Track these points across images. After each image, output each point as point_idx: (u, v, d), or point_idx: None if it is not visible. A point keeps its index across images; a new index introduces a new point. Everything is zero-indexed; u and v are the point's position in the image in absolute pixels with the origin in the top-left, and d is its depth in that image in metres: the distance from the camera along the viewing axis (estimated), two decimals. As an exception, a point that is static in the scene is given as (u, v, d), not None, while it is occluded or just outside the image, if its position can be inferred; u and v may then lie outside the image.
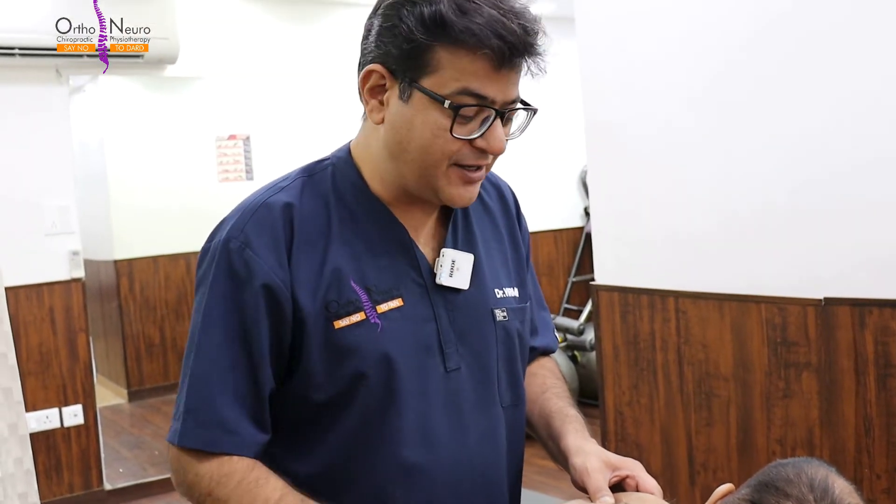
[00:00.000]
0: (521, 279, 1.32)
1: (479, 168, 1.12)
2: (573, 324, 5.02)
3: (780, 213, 2.50)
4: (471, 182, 1.13)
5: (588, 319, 5.29)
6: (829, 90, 2.36)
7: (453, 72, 1.05)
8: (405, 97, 1.08)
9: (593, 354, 4.92)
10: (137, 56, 3.98)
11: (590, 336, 4.93)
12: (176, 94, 5.90)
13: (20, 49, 3.70)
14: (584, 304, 5.62)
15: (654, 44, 2.84)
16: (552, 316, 5.53)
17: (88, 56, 3.78)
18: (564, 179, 6.00)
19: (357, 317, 1.11)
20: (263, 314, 1.09)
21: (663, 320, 2.85)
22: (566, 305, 5.91)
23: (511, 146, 1.14)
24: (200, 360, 1.10)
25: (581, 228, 6.06)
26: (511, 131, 1.14)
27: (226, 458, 1.09)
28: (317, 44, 4.88)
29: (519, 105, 1.11)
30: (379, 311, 1.12)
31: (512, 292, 1.27)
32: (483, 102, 1.06)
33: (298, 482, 1.10)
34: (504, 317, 1.24)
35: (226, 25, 4.67)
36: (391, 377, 1.12)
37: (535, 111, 1.13)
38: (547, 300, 5.70)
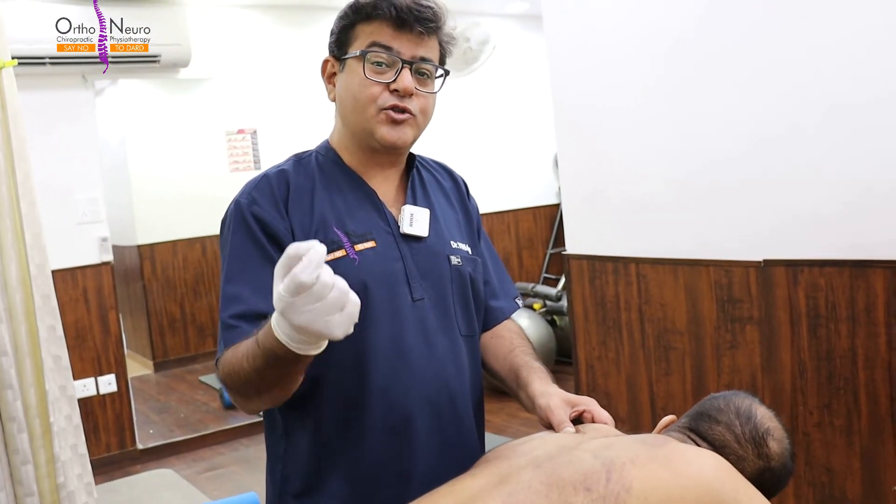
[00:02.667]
0: (473, 242, 1.44)
1: (402, 111, 1.27)
2: (551, 291, 5.02)
3: (725, 185, 2.56)
4: (396, 122, 1.27)
5: (565, 287, 5.25)
6: (763, 75, 2.42)
7: (365, 36, 1.27)
8: (342, 69, 1.31)
9: (570, 318, 4.95)
10: (154, 61, 4.03)
11: (567, 302, 4.93)
12: (189, 94, 5.91)
13: (50, 58, 3.72)
14: (561, 274, 5.63)
15: (612, 39, 2.90)
16: (532, 284, 5.43)
17: (112, 61, 3.81)
18: (540, 161, 6.05)
19: (339, 253, 1.24)
20: (274, 251, 1.23)
21: (626, 284, 2.92)
22: (545, 275, 5.95)
23: (493, 134, 1.23)
24: (229, 284, 1.23)
25: (557, 205, 6.06)
26: (434, 90, 1.32)
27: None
28: (314, 45, 4.79)
29: (426, 64, 1.28)
30: (356, 249, 1.25)
31: (465, 247, 1.39)
32: (390, 53, 1.25)
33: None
34: (458, 262, 1.36)
35: (232, 31, 4.70)
36: (368, 302, 1.20)
37: (446, 72, 1.32)
38: (527, 271, 5.71)
